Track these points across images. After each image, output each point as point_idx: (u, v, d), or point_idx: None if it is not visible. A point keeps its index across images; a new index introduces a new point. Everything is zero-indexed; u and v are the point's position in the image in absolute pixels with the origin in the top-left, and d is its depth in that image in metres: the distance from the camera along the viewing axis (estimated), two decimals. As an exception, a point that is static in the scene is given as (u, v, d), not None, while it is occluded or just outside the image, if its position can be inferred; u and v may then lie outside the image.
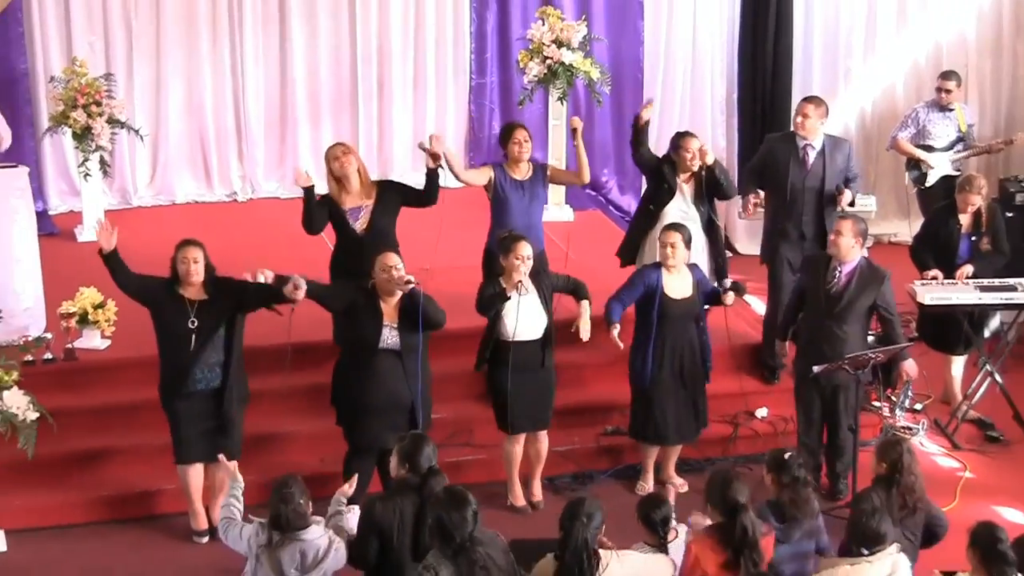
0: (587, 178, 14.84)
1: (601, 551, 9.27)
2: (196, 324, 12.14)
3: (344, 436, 12.47)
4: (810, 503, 10.25)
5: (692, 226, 13.55)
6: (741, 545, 9.57)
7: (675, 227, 12.96)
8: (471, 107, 18.23)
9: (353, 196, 13.38)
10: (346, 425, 12.44)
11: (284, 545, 9.59)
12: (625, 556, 9.39)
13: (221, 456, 11.40)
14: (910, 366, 12.92)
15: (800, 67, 17.46)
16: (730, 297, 13.03)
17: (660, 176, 14.19)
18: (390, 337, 12.16)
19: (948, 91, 16.27)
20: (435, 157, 13.23)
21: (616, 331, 12.71)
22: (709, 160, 14.10)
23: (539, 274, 12.77)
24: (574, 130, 14.50)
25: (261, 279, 12.08)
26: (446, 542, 8.98)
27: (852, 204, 14.37)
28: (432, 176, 13.31)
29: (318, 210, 13.09)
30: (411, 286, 12.00)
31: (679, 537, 10.09)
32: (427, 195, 13.42)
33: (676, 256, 12.71)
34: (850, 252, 12.74)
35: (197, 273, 12.05)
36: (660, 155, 14.56)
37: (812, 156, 14.34)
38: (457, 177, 14.33)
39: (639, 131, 14.37)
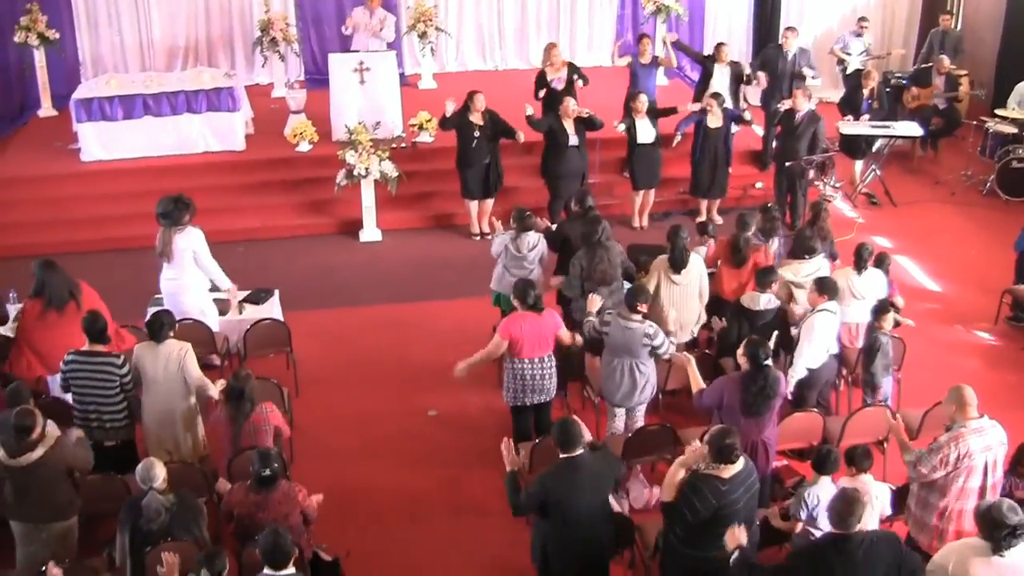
0: (675, 63, 14.53)
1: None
2: (478, 135, 12.10)
3: (550, 193, 12.38)
4: (777, 226, 10.04)
5: (726, 89, 13.34)
6: (738, 248, 9.47)
7: (715, 95, 12.65)
8: (617, 25, 17.46)
9: (555, 70, 13.05)
10: (552, 188, 12.32)
11: (520, 238, 9.52)
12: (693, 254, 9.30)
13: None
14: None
15: (784, 15, 16.60)
16: (747, 114, 12.86)
17: (705, 65, 13.76)
18: (573, 139, 11.99)
19: (863, 26, 15.54)
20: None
21: (678, 138, 12.81)
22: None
23: (652, 109, 12.57)
24: (674, 41, 14.34)
25: (521, 137, 12.24)
26: (588, 239, 9.05)
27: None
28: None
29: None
30: (577, 114, 12.03)
31: (710, 242, 10.13)
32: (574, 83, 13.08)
33: (715, 110, 12.43)
34: (802, 105, 12.46)
35: (480, 109, 12.07)
36: (707, 54, 14.17)
37: (790, 56, 13.90)
38: (612, 60, 14.32)
39: (680, 45, 14.27)
